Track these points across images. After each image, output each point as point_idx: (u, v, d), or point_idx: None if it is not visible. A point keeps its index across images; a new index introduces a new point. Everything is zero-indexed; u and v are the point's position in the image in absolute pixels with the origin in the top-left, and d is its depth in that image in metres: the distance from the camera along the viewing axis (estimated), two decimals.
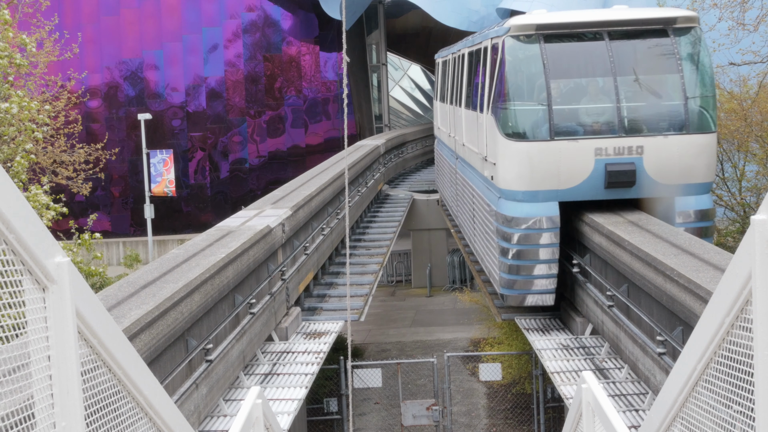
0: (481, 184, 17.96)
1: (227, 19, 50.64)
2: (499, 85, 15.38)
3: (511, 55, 15.12)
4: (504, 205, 15.31)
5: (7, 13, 19.18)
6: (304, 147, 51.28)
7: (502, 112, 15.30)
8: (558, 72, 15.06)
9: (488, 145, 16.47)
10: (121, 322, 8.87)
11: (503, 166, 15.29)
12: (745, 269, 3.20)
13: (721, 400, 3.61)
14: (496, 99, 15.51)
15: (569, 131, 14.74)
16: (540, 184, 14.72)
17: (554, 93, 14.76)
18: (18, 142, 18.54)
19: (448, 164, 26.71)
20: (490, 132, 16.14)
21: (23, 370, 3.18)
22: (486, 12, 42.69)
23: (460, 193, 23.45)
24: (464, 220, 22.51)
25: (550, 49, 14.99)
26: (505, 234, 15.23)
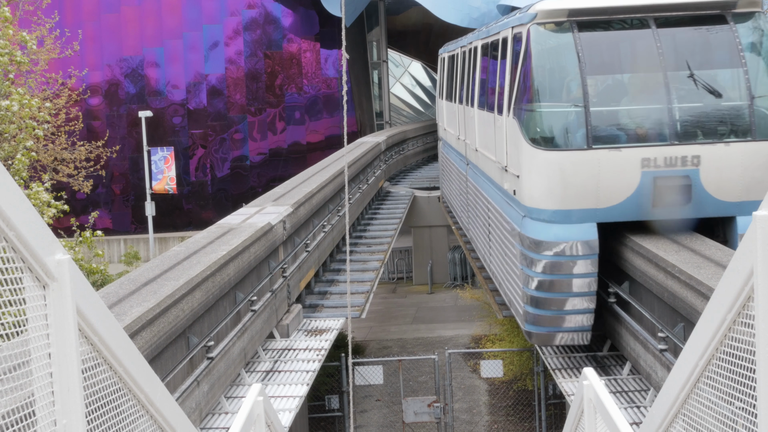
0: (500, 199, 15.45)
1: (228, 16, 50.61)
2: (523, 82, 13.16)
3: (538, 46, 12.88)
4: (530, 226, 12.87)
5: (7, 10, 19.19)
6: (304, 144, 51.27)
7: (527, 114, 13.08)
8: (596, 66, 12.91)
9: (509, 154, 14.11)
10: (122, 320, 8.87)
11: (529, 179, 12.92)
12: (747, 265, 3.19)
13: (722, 396, 3.61)
14: (520, 99, 13.31)
15: (610, 138, 12.46)
16: (574, 202, 12.37)
17: (592, 91, 12.54)
18: (19, 139, 18.55)
19: (457, 170, 24.12)
20: (512, 138, 13.79)
21: (24, 368, 3.18)
22: (486, 8, 42.66)
23: (472, 205, 20.73)
24: (477, 236, 19.89)
25: (586, 38, 12.76)
26: (530, 260, 12.81)
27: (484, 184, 17.77)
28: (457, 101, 23.33)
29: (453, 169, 25.44)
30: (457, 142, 23.50)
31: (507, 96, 14.08)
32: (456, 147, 24.22)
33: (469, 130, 20.31)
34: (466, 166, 21.40)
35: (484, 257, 18.84)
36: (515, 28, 13.97)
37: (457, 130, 23.18)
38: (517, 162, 13.44)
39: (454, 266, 36.22)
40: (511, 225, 14.13)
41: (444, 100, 27.62)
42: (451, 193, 26.82)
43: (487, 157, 16.91)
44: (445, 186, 29.17)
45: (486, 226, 17.80)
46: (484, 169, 17.79)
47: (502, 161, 14.71)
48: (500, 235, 15.60)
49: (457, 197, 24.94)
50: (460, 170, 23.02)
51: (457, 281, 35.86)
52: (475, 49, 19.64)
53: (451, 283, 35.98)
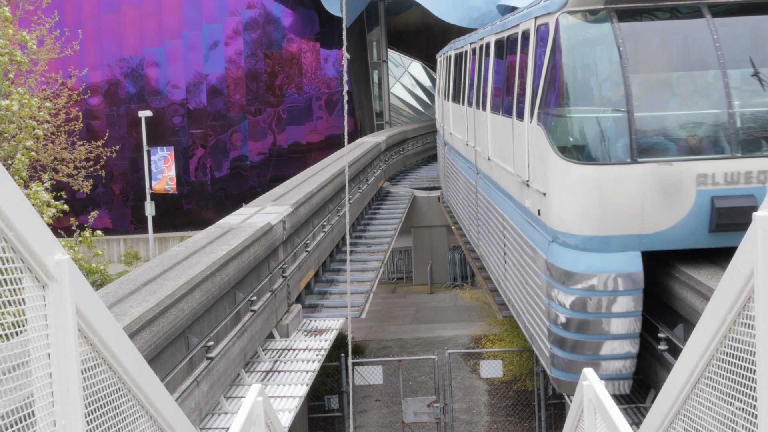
0: (520, 218, 13.41)
1: (228, 16, 50.61)
2: (549, 82, 11.31)
3: (569, 39, 11.04)
4: (559, 254, 10.92)
5: (7, 10, 19.19)
6: (304, 144, 51.26)
7: (555, 121, 11.18)
8: (640, 62, 10.94)
9: (532, 167, 12.22)
10: (122, 320, 8.86)
11: (558, 198, 10.98)
12: (747, 266, 3.19)
13: (723, 396, 3.60)
14: (546, 102, 11.43)
15: (659, 149, 10.39)
16: (614, 227, 10.35)
17: (636, 93, 10.49)
18: (19, 139, 18.54)
19: (465, 180, 21.94)
20: (536, 148, 11.91)
21: (23, 368, 3.17)
22: (487, 9, 42.73)
23: (483, 221, 18.47)
24: (490, 256, 17.61)
25: (628, 29, 10.79)
26: (559, 294, 10.86)
27: (499, 199, 15.75)
28: (465, 103, 21.34)
29: (460, 177, 23.28)
30: (466, 149, 21.53)
31: (529, 99, 12.18)
32: (464, 154, 22.12)
33: (480, 136, 18.32)
34: (476, 176, 19.44)
35: (498, 280, 16.61)
36: (540, 19, 11.99)
37: (466, 136, 21.21)
38: (542, 177, 11.53)
39: (453, 266, 36.22)
40: (534, 250, 12.13)
41: (450, 102, 25.54)
42: (458, 203, 24.78)
43: (503, 169, 14.91)
44: (451, 195, 27.09)
45: (501, 246, 15.76)
46: (498, 182, 15.78)
47: (523, 175, 12.76)
48: (519, 260, 13.54)
49: (464, 208, 22.85)
50: (469, 179, 20.98)
51: (456, 281, 35.87)
52: (486, 45, 17.63)
53: (451, 283, 35.98)
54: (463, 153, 22.31)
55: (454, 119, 24.67)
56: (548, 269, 11.17)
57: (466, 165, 21.73)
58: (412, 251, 37.60)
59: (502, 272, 15.75)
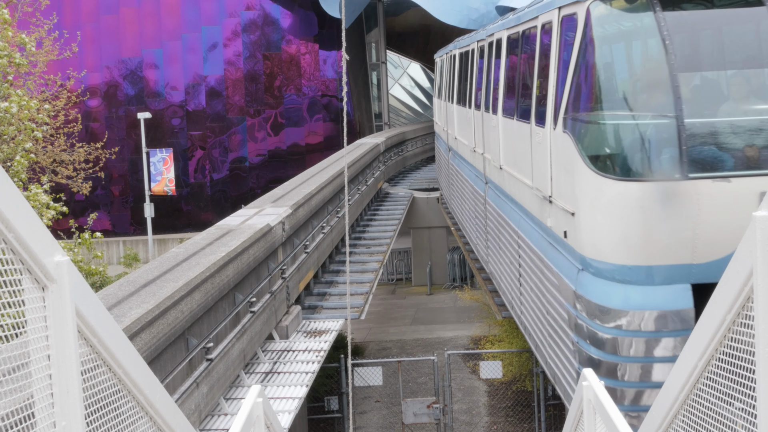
0: (539, 238, 11.86)
1: (227, 17, 50.61)
2: (580, 83, 9.73)
3: (602, 31, 9.44)
4: (591, 286, 9.31)
5: (6, 12, 19.18)
6: (303, 145, 51.26)
7: (586, 128, 9.67)
8: (690, 59, 9.37)
9: (556, 180, 10.63)
10: (122, 321, 8.86)
11: (591, 219, 9.38)
12: (747, 266, 3.19)
13: (722, 397, 3.61)
14: (575, 106, 9.86)
15: (714, 163, 8.74)
16: (661, 255, 8.75)
17: (686, 95, 8.84)
18: (18, 141, 18.53)
19: (471, 189, 20.37)
20: (561, 159, 10.33)
21: (23, 370, 3.17)
22: (485, 9, 42.76)
23: (494, 236, 16.72)
24: (502, 275, 15.87)
25: (674, 20, 9.06)
26: (591, 333, 9.22)
27: (513, 214, 14.08)
28: (472, 106, 19.74)
29: (466, 186, 21.63)
30: (473, 156, 19.82)
31: (552, 102, 10.62)
32: (471, 161, 20.47)
33: (489, 143, 16.78)
34: (485, 186, 17.84)
35: (512, 303, 14.84)
36: (565, 9, 10.36)
37: (473, 141, 19.55)
38: (569, 193, 9.96)
39: (453, 267, 36.22)
40: (558, 277, 10.52)
41: (455, 105, 23.87)
42: (463, 213, 23.10)
43: (519, 180, 13.33)
44: (455, 203, 25.36)
45: (515, 267, 14.03)
46: (512, 195, 14.19)
47: (544, 189, 11.20)
48: (539, 286, 11.88)
49: (471, 220, 21.08)
50: (476, 189, 19.34)
51: (456, 282, 35.87)
52: (497, 42, 15.97)
53: (451, 284, 35.98)
54: (469, 160, 20.79)
55: (459, 123, 22.97)
56: (576, 302, 9.57)
57: (472, 173, 20.19)
58: (411, 252, 37.60)
59: (517, 295, 14.00)
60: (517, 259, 13.69)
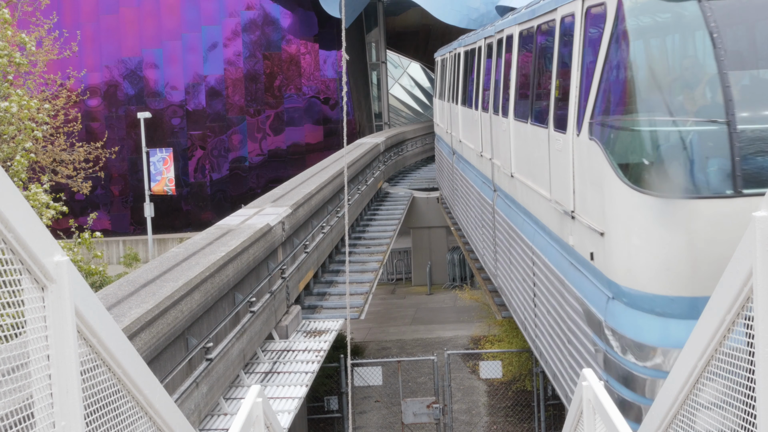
0: (559, 258, 10.65)
1: (227, 17, 50.62)
2: (610, 82, 8.57)
3: (637, 23, 8.32)
4: (623, 317, 8.14)
5: (6, 12, 19.18)
6: (303, 145, 51.28)
7: (619, 135, 8.49)
8: (742, 56, 8.19)
9: (580, 193, 9.45)
10: (121, 321, 8.86)
11: (625, 242, 8.16)
12: (746, 266, 3.19)
13: (722, 397, 3.60)
14: (604, 109, 8.70)
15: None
16: (709, 285, 6.10)
17: (737, 98, 7.61)
18: (18, 141, 18.53)
19: (478, 196, 19.13)
20: (587, 170, 9.09)
21: (22, 370, 3.17)
22: (485, 9, 42.78)
23: (503, 249, 15.50)
24: (513, 293, 14.67)
25: (722, 11, 7.87)
26: (624, 373, 8.06)
27: (527, 227, 12.91)
28: (479, 108, 18.54)
29: (471, 193, 20.39)
30: (479, 161, 18.59)
31: (575, 105, 9.47)
32: (477, 166, 19.16)
33: (499, 148, 15.60)
34: (493, 194, 16.72)
35: (525, 324, 13.56)
36: (589, 0, 9.22)
37: (479, 146, 18.35)
38: (597, 210, 8.73)
39: (453, 267, 36.23)
40: (582, 304, 9.32)
41: (459, 106, 22.70)
42: (468, 221, 21.82)
43: (534, 191, 12.18)
44: (459, 210, 24.07)
45: (529, 285, 12.91)
46: (526, 206, 13.03)
47: (565, 203, 10.03)
48: (558, 310, 10.71)
49: (477, 229, 19.84)
50: (483, 197, 18.16)
51: (456, 282, 35.87)
52: (508, 39, 14.73)
53: (450, 284, 35.99)
54: (476, 165, 19.55)
55: (464, 125, 21.68)
56: (606, 334, 8.43)
57: (479, 179, 19.02)
58: (411, 252, 37.61)
59: (531, 317, 12.83)
60: (531, 277, 12.56)
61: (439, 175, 31.63)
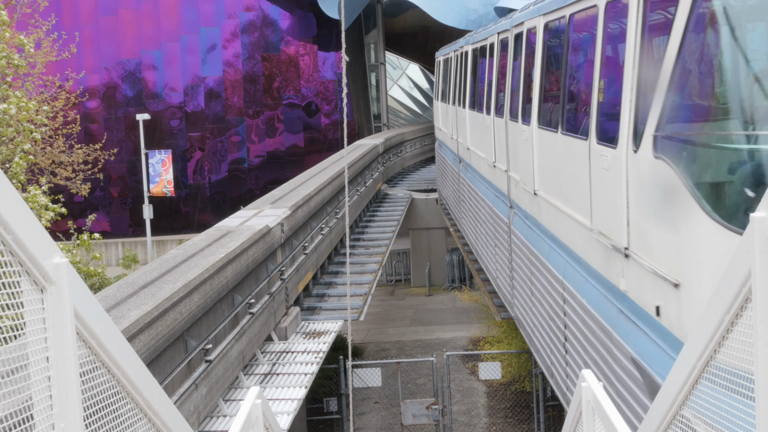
0: (604, 303, 8.69)
1: (225, 19, 50.63)
2: (683, 84, 6.84)
3: (723, 3, 6.28)
4: None
5: (5, 13, 19.17)
6: (302, 147, 51.29)
7: (702, 155, 6.60)
8: None
9: (637, 225, 7.56)
10: (120, 323, 8.86)
11: None
12: (745, 267, 3.19)
13: (721, 398, 3.61)
14: (677, 116, 6.93)
15: None
16: None
17: None
18: (16, 142, 18.53)
19: (490, 211, 17.35)
20: (649, 196, 7.17)
21: (22, 372, 3.17)
22: (484, 10, 42.79)
23: (522, 276, 13.56)
24: (535, 330, 12.88)
25: None
26: None
27: (555, 257, 11.01)
28: (491, 112, 16.86)
29: (482, 207, 18.49)
30: (492, 172, 16.77)
31: (630, 112, 7.50)
32: (489, 178, 17.57)
33: (517, 159, 13.49)
34: (509, 211, 14.82)
35: (551, 369, 11.77)
36: None
37: (492, 155, 16.48)
38: (669, 251, 6.76)
39: (452, 268, 36.23)
40: (645, 374, 7.36)
41: (467, 109, 20.81)
42: (477, 238, 19.88)
43: (565, 214, 10.20)
44: (466, 223, 22.19)
45: (558, 327, 11.08)
46: (555, 231, 11.02)
47: (615, 236, 8.02)
48: (604, 372, 8.64)
49: (488, 248, 18.07)
50: (496, 212, 16.39)
51: (455, 283, 35.87)
52: (529, 32, 12.68)
53: (450, 285, 35.99)
54: (487, 177, 17.68)
55: (473, 131, 19.65)
56: None
57: (491, 193, 17.23)
58: (410, 253, 37.61)
59: (561, 365, 11.03)
60: (561, 318, 10.77)
61: (441, 183, 31.36)
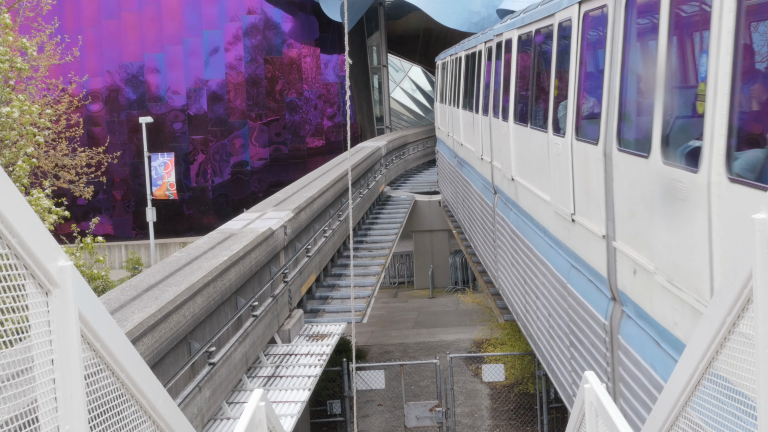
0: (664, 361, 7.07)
1: (228, 21, 50.66)
2: None
3: None
4: None
5: (8, 17, 19.20)
6: (305, 149, 51.30)
7: None
8: None
9: None
10: (124, 326, 8.87)
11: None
12: (746, 268, 3.20)
13: (723, 399, 3.62)
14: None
15: None
16: None
17: None
18: (20, 146, 18.56)
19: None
20: None
21: (27, 374, 3.19)
22: (487, 13, 42.79)
23: (561, 325, 11.07)
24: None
25: None
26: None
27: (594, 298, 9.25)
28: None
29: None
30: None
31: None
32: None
33: (551, 179, 11.04)
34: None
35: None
36: None
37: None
38: None
39: (455, 270, 36.23)
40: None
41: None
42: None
43: (630, 258, 7.80)
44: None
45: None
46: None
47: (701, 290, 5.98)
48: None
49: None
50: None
51: (458, 285, 35.86)
52: (562, 26, 10.37)
53: (453, 288, 35.98)
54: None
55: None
56: None
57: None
58: (413, 255, 37.61)
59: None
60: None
61: (441, 178, 31.52)
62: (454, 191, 25.75)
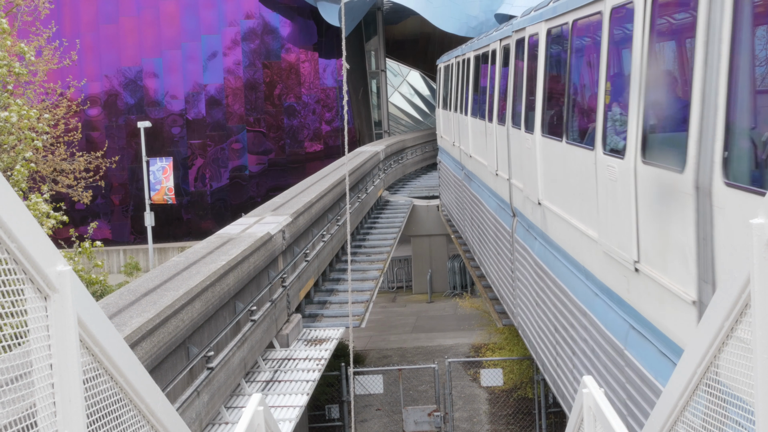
0: None
1: (226, 26, 50.69)
2: None
3: None
4: None
5: (5, 22, 19.21)
6: (303, 154, 51.31)
7: None
8: None
9: None
10: (123, 330, 8.87)
11: None
12: (744, 273, 3.21)
13: (721, 403, 3.62)
14: None
15: None
16: None
17: None
18: (18, 150, 18.56)
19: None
20: None
21: (25, 379, 3.19)
22: (485, 17, 42.84)
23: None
24: None
25: None
26: None
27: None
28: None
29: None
30: (533, 210, 12.60)
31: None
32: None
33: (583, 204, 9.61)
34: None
35: None
36: None
37: (534, 188, 12.29)
38: None
39: (453, 275, 36.24)
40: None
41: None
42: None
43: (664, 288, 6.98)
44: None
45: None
46: (671, 332, 7.18)
47: None
48: None
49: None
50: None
51: (456, 290, 35.87)
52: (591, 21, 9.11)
53: (451, 292, 35.98)
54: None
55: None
56: None
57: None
58: (411, 260, 37.62)
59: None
60: None
61: (443, 188, 31.25)
62: (459, 206, 23.55)
